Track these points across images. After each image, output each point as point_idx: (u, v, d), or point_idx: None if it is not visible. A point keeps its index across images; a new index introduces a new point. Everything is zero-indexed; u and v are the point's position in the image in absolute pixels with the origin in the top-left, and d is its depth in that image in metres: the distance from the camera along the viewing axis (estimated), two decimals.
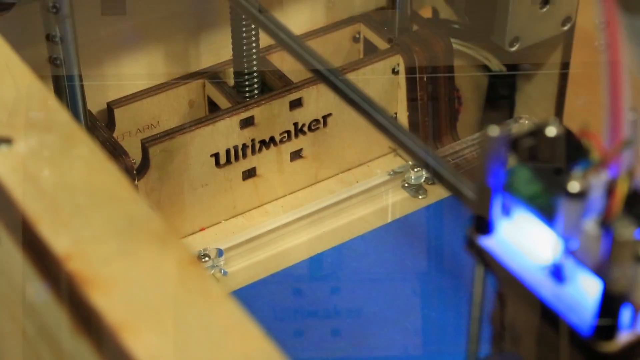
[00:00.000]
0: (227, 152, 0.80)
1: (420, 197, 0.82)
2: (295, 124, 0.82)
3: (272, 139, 0.81)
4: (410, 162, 0.84)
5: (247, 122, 0.80)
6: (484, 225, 0.40)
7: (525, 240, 0.40)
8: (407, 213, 0.81)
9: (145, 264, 0.41)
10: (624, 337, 0.37)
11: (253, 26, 0.79)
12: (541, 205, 0.39)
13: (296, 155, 0.83)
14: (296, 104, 0.81)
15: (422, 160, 0.57)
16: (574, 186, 0.38)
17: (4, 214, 0.43)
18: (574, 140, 0.40)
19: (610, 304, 0.36)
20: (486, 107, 0.95)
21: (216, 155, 0.79)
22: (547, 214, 0.39)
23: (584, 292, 0.38)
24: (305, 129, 0.82)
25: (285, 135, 0.82)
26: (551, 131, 0.41)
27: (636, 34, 0.40)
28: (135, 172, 0.77)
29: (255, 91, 0.82)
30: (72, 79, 0.73)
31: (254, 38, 0.80)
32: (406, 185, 0.83)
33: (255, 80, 0.82)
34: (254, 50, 0.81)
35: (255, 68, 0.81)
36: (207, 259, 0.77)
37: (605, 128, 0.40)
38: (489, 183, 0.40)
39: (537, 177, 0.40)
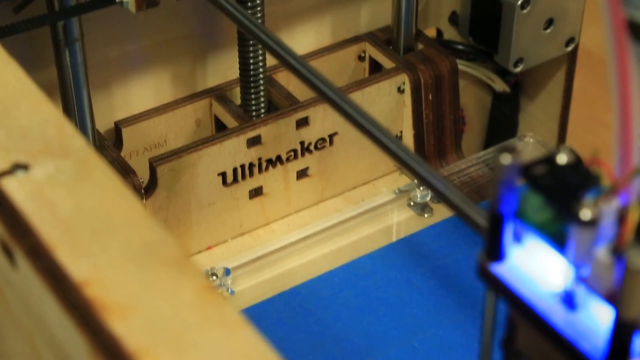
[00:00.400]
0: (234, 171, 0.81)
1: (426, 215, 0.83)
2: (302, 143, 0.83)
3: (278, 158, 0.82)
4: (415, 181, 0.85)
5: (254, 141, 0.80)
6: (496, 252, 0.41)
7: (536, 267, 0.40)
8: (414, 231, 0.82)
9: (162, 290, 0.42)
10: None
11: (260, 45, 0.80)
12: (552, 232, 0.40)
13: (302, 173, 0.84)
14: (302, 122, 0.82)
15: (426, 181, 0.57)
16: (585, 214, 0.38)
17: (21, 239, 0.44)
18: (585, 167, 0.41)
19: (622, 331, 0.37)
20: (490, 126, 0.96)
21: (223, 174, 0.80)
22: (559, 241, 0.40)
23: (595, 320, 0.38)
24: (312, 147, 0.83)
25: (292, 154, 0.83)
26: (562, 158, 0.42)
27: None
28: (143, 191, 0.78)
29: (262, 110, 0.83)
30: (80, 100, 0.74)
31: (260, 57, 0.81)
32: (412, 203, 0.84)
33: (262, 99, 0.83)
34: (261, 70, 0.82)
35: (261, 87, 0.82)
36: (214, 278, 0.78)
37: (615, 155, 0.41)
38: (501, 210, 0.41)
39: (548, 204, 0.40)
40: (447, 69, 0.86)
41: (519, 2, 0.83)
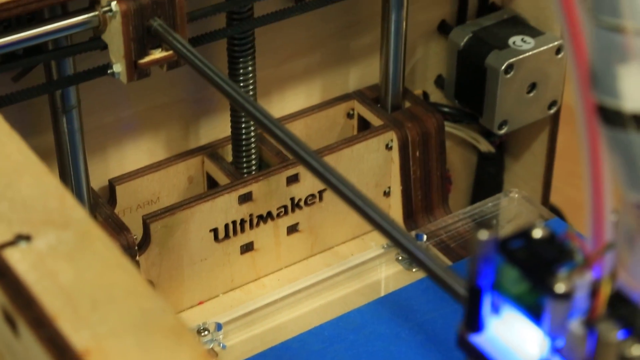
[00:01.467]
0: (226, 227, 0.83)
1: (414, 269, 0.86)
2: (292, 199, 0.86)
3: (269, 214, 0.85)
4: None
5: (246, 198, 0.83)
6: (475, 323, 0.44)
7: (514, 338, 0.43)
8: (402, 286, 0.84)
9: (161, 358, 0.44)
10: None
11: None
12: (529, 304, 0.43)
13: (293, 229, 0.87)
14: (293, 179, 0.85)
15: (400, 244, 0.59)
16: (559, 287, 0.41)
17: (24, 309, 0.47)
18: (559, 241, 0.44)
19: None
20: (475, 186, 0.99)
21: (215, 230, 0.83)
22: (535, 313, 0.43)
23: None
24: (302, 203, 0.86)
25: (282, 210, 0.85)
26: (537, 233, 0.45)
27: (615, 146, 0.44)
28: (136, 247, 0.80)
29: (253, 167, 0.86)
30: (77, 164, 0.76)
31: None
32: (400, 258, 0.87)
33: (253, 156, 0.86)
34: (252, 129, 0.85)
35: (253, 145, 0.86)
36: (206, 332, 0.80)
37: (588, 230, 0.44)
38: (479, 283, 0.44)
39: (524, 277, 0.43)
40: (433, 127, 0.90)
41: (503, 67, 0.87)
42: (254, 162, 0.86)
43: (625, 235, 0.44)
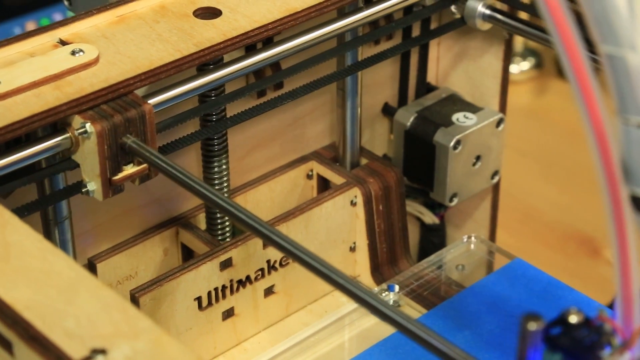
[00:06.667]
0: (209, 294, 0.91)
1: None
2: (268, 261, 0.94)
3: (247, 278, 0.93)
4: (376, 288, 0.96)
5: (226, 264, 0.91)
6: None
7: None
8: (384, 337, 0.92)
9: None
10: None
11: (224, 173, 0.92)
12: None
13: (269, 291, 0.95)
14: None
15: (365, 302, 0.66)
16: None
17: None
18: (595, 324, 0.54)
19: None
20: (420, 257, 1.09)
21: (199, 299, 0.90)
22: None
23: None
24: (277, 265, 0.94)
25: (260, 272, 0.94)
26: (573, 318, 0.54)
27: None
28: None
29: (227, 233, 0.94)
30: None
31: (225, 185, 0.93)
32: None
33: (227, 222, 0.94)
34: (225, 196, 0.93)
35: None
36: None
37: (618, 315, 0.54)
38: None
39: None
40: (393, 180, 0.99)
41: (452, 143, 0.98)
42: (228, 228, 0.94)
43: None
